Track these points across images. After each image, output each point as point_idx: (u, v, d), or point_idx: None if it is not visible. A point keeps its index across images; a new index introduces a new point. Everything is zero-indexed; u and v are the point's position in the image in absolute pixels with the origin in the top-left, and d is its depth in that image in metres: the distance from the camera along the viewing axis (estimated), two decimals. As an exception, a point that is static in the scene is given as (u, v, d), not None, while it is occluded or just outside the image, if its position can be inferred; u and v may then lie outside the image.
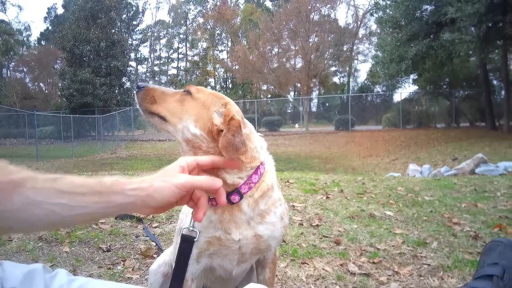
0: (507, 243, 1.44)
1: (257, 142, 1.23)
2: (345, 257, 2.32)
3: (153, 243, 2.53)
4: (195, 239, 1.21)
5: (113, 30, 35.84)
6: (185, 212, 1.31)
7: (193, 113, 1.16)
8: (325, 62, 35.89)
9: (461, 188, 4.68)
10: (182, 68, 56.30)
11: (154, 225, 3.02)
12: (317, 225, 3.02)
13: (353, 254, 2.38)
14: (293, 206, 3.60)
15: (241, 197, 1.16)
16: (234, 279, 1.36)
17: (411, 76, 24.75)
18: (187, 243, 1.22)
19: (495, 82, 25.37)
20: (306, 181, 5.14)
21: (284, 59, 36.82)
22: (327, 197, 4.07)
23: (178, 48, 56.83)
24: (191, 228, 1.21)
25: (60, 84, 36.70)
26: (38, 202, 0.71)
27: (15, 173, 0.72)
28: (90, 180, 0.81)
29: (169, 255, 1.49)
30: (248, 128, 1.22)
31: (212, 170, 1.13)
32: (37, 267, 0.80)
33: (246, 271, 1.43)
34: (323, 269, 2.15)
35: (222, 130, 1.09)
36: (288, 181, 5.05)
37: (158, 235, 2.77)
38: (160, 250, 2.29)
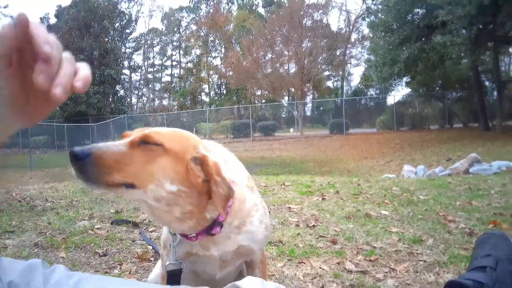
0: (500, 234, 1.46)
1: (218, 158, 1.08)
2: (342, 256, 2.33)
3: (150, 247, 2.53)
4: (183, 270, 1.21)
5: (106, 39, 35.82)
6: (166, 232, 1.29)
7: (168, 168, 0.97)
8: (319, 66, 36.06)
9: (456, 187, 4.71)
10: (176, 75, 56.32)
11: (150, 229, 3.02)
12: (314, 225, 3.03)
13: (350, 253, 2.39)
14: (289, 207, 3.61)
15: (221, 226, 1.12)
16: (221, 279, 1.36)
17: (404, 79, 25.05)
18: (174, 276, 1.20)
19: (487, 83, 25.63)
20: (302, 183, 5.16)
21: (277, 64, 36.92)
22: (323, 198, 4.09)
23: (172, 55, 56.83)
24: (173, 262, 1.20)
25: (53, 93, 36.46)
26: None
27: None
28: None
29: (159, 267, 1.51)
30: (203, 146, 1.08)
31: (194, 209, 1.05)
32: (35, 262, 0.80)
33: (232, 272, 1.42)
34: (320, 267, 2.16)
35: (206, 180, 1.00)
36: (284, 184, 5.06)
37: (155, 239, 2.76)
38: (157, 254, 2.28)
